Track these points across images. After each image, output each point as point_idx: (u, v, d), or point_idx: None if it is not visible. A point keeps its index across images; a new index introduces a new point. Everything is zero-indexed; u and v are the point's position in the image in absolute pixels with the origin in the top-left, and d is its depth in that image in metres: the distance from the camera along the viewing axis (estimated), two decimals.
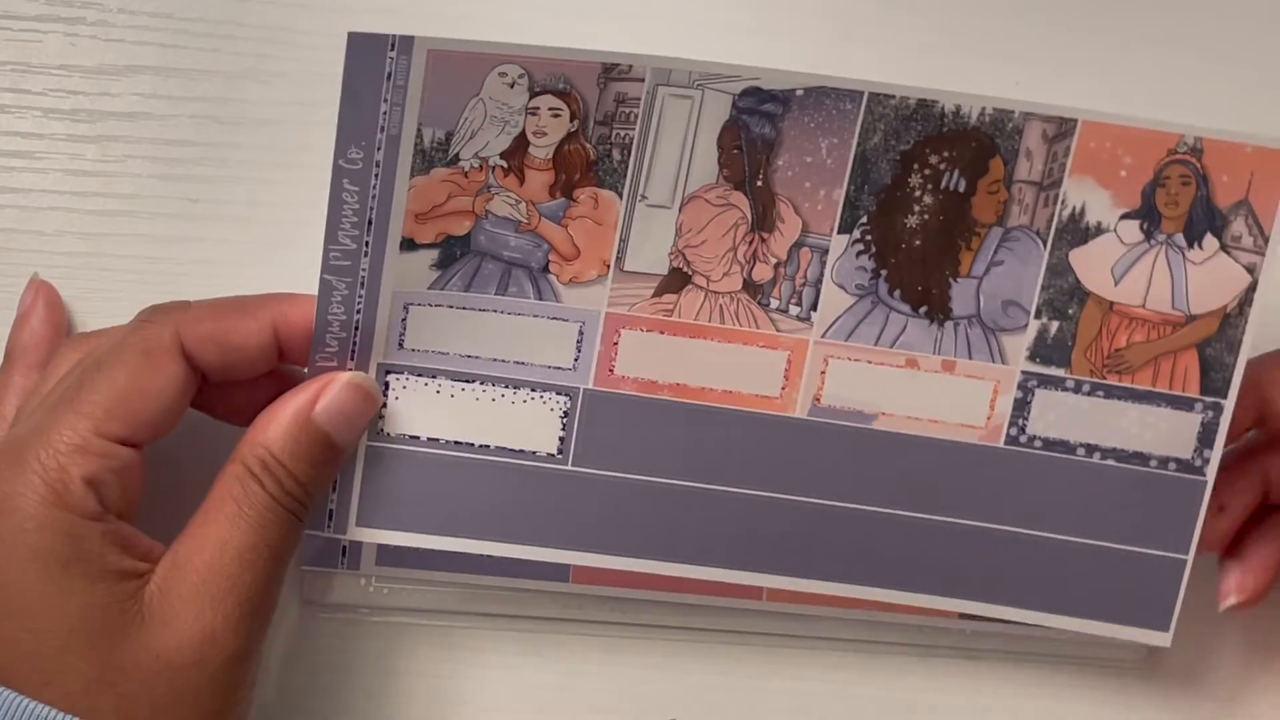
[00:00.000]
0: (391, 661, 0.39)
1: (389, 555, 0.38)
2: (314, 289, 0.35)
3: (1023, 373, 0.35)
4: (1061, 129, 0.34)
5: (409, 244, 0.34)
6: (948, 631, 0.39)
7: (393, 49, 0.32)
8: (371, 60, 0.32)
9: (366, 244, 0.33)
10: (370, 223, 0.33)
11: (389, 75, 0.32)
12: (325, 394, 0.33)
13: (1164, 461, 0.36)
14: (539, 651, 0.39)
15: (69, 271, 0.38)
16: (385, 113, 0.32)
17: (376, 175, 0.33)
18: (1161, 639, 0.37)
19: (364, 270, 0.34)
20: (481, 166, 0.34)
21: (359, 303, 0.34)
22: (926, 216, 0.34)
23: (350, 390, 0.33)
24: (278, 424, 0.32)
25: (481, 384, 0.35)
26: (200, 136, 0.38)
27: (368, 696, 0.38)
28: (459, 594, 0.38)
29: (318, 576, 0.38)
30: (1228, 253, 0.34)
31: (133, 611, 0.30)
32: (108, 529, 0.31)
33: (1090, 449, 0.36)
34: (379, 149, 0.33)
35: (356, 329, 0.34)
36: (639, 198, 0.34)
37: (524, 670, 0.39)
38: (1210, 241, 0.34)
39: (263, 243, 0.38)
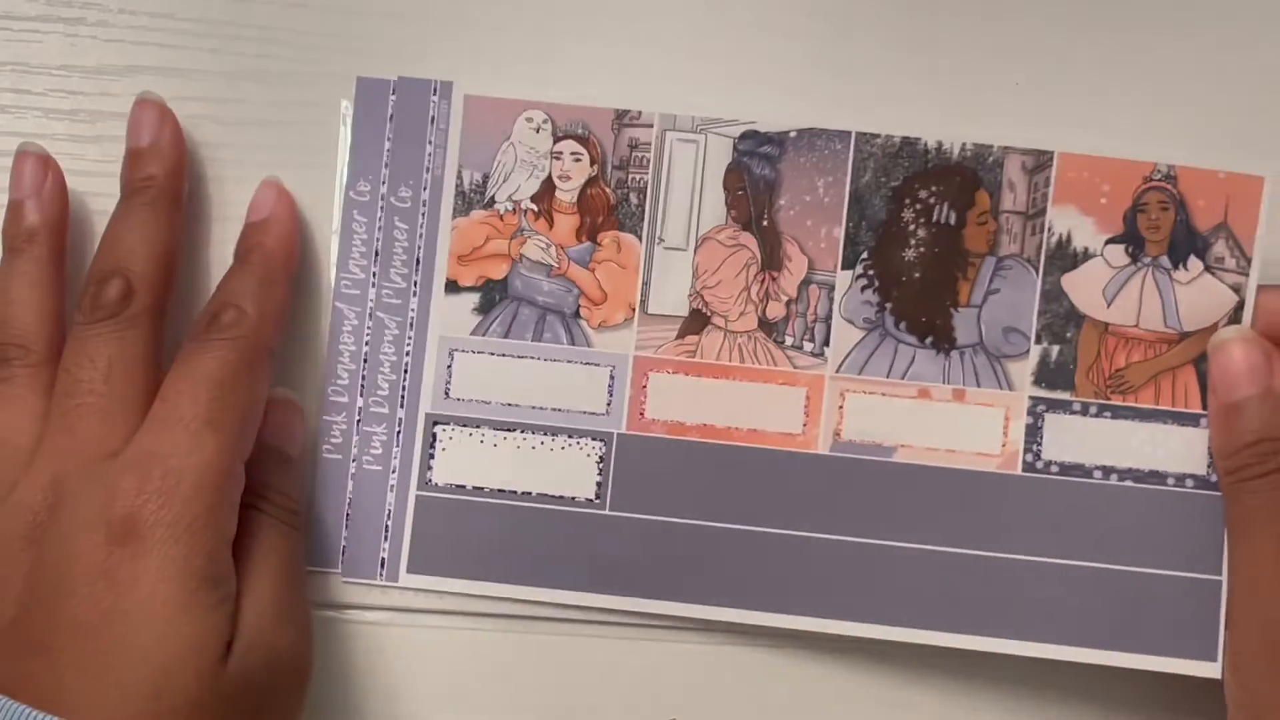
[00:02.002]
0: (391, 661, 0.39)
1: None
2: (312, 290, 0.37)
3: (1030, 398, 0.37)
4: (1039, 161, 0.36)
5: (453, 286, 0.37)
6: None
7: (435, 93, 0.36)
8: (415, 103, 0.36)
9: (415, 284, 0.37)
10: (418, 262, 0.37)
11: (433, 119, 0.36)
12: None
13: (1180, 479, 0.36)
14: (539, 651, 0.39)
15: (68, 271, 0.37)
16: (430, 154, 0.36)
17: (423, 215, 0.37)
18: (1210, 669, 0.36)
19: (413, 311, 0.37)
20: (515, 209, 0.37)
21: (408, 345, 0.37)
22: (923, 249, 0.37)
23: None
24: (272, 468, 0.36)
25: (522, 432, 0.37)
26: (200, 136, 0.38)
27: (367, 696, 0.38)
28: (459, 594, 0.38)
29: (323, 578, 0.38)
30: (1213, 274, 0.36)
31: (224, 637, 0.32)
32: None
33: (1107, 471, 0.37)
34: (425, 189, 0.36)
35: (406, 372, 0.37)
36: (657, 240, 0.37)
37: (524, 670, 0.39)
38: (1195, 263, 0.36)
39: None
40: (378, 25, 0.37)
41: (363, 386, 0.37)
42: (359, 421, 0.37)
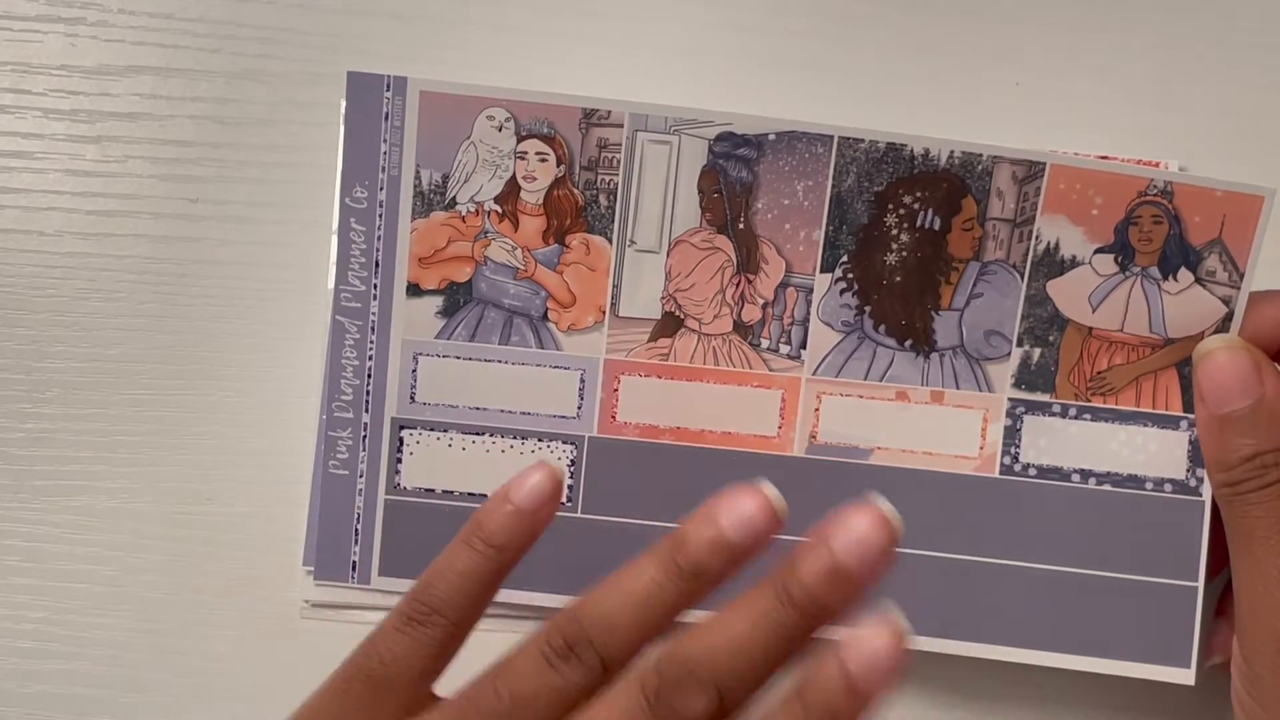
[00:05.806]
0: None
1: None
2: (312, 291, 0.36)
3: (1009, 400, 0.36)
4: (1031, 171, 0.35)
5: (414, 289, 0.36)
6: None
7: (388, 89, 0.34)
8: (370, 99, 0.34)
9: (375, 287, 0.35)
10: (377, 265, 0.35)
11: (386, 116, 0.34)
12: None
13: (1159, 483, 0.36)
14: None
15: (69, 272, 0.38)
16: (385, 153, 0.35)
17: (380, 216, 0.35)
18: (1183, 675, 0.36)
19: (373, 314, 0.36)
20: (478, 211, 0.36)
21: (370, 349, 0.36)
22: (905, 254, 0.36)
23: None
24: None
25: (491, 436, 0.37)
26: (200, 136, 0.38)
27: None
28: None
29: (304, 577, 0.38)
30: (1203, 286, 0.35)
31: None
32: None
33: (1085, 474, 0.36)
34: (381, 189, 0.35)
35: (369, 376, 0.36)
36: (628, 243, 0.36)
37: None
38: (1185, 275, 0.35)
39: (263, 243, 0.39)
40: (377, 25, 0.36)
41: (325, 390, 0.36)
42: (324, 425, 0.36)
